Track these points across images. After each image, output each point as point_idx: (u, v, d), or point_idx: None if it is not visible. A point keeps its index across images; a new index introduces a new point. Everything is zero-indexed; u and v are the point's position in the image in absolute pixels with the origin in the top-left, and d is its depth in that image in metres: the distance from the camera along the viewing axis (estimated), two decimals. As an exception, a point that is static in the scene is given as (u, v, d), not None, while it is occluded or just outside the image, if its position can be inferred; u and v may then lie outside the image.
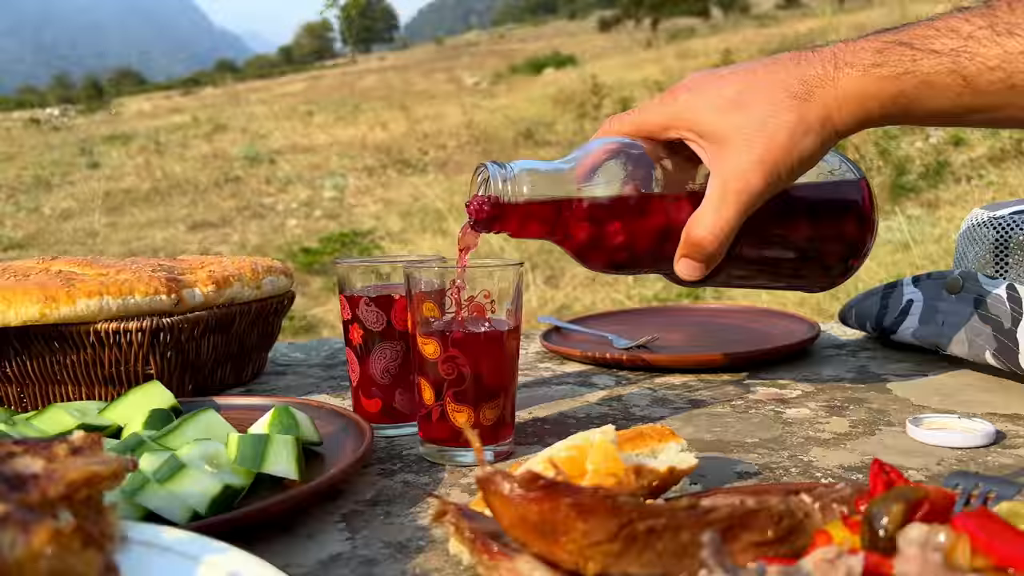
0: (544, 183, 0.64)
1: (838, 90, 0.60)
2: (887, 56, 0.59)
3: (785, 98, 0.61)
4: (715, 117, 0.62)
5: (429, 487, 0.61)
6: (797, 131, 0.60)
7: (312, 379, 1.00)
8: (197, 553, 0.37)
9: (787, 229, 0.68)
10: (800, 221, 0.68)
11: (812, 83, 0.61)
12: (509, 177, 0.64)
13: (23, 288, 0.78)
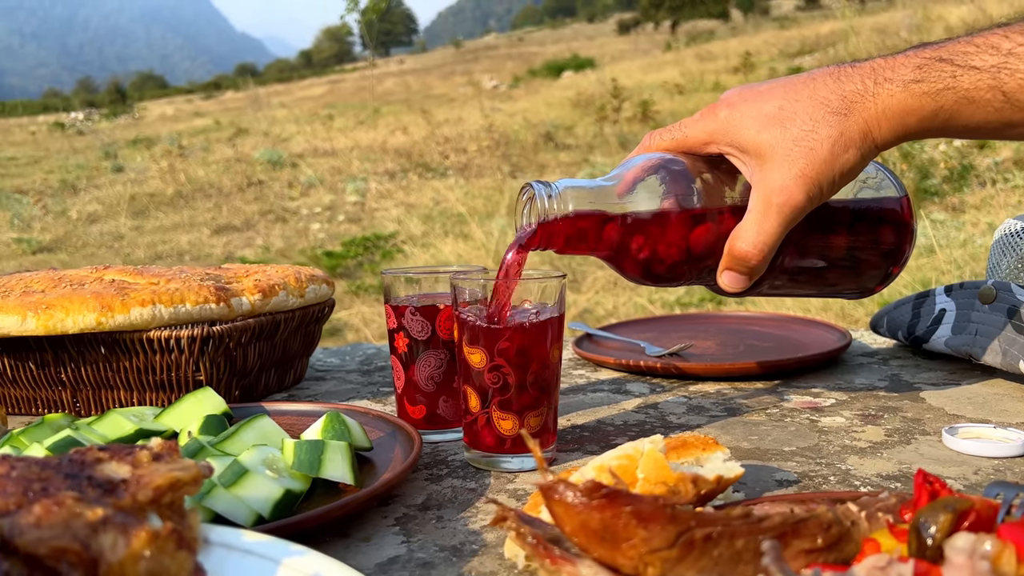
0: (588, 199, 0.66)
1: (878, 105, 0.61)
2: (927, 72, 0.60)
3: (825, 113, 0.62)
4: (756, 132, 0.63)
5: (476, 492, 0.63)
6: (837, 146, 0.62)
7: (352, 384, 1.02)
8: (277, 555, 0.39)
9: (829, 240, 0.70)
10: (841, 231, 0.70)
11: (852, 98, 0.62)
12: (554, 195, 0.66)
13: (80, 297, 0.81)
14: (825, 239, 0.69)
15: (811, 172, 0.61)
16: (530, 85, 24.04)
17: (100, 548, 0.34)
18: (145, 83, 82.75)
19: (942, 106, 0.60)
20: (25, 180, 12.39)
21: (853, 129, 0.62)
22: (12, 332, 0.80)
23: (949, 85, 0.59)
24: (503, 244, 5.37)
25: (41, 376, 0.87)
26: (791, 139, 0.62)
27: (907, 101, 0.61)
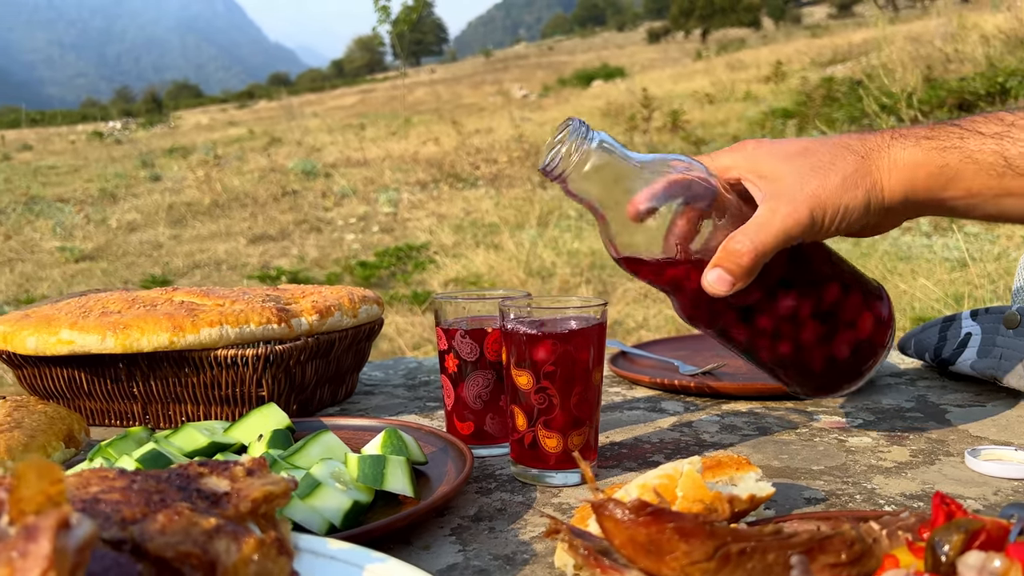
0: (609, 172, 0.68)
1: (891, 155, 0.66)
2: (937, 132, 0.66)
3: (844, 152, 0.67)
4: (776, 162, 0.68)
5: (524, 505, 0.68)
6: (849, 180, 0.66)
7: (399, 399, 1.08)
8: (360, 561, 0.44)
9: (806, 298, 0.70)
10: (819, 294, 0.70)
11: (870, 146, 0.67)
12: (583, 148, 0.67)
13: (154, 318, 0.88)
14: (803, 295, 0.70)
15: (821, 195, 0.65)
16: (560, 94, 24.12)
17: (216, 553, 0.40)
18: (180, 92, 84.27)
19: (948, 163, 0.65)
20: (65, 189, 12.70)
21: (865, 171, 0.66)
22: (92, 350, 0.87)
23: (956, 144, 0.65)
24: (534, 255, 5.43)
25: (115, 390, 0.94)
26: (809, 166, 0.67)
27: (917, 154, 0.66)
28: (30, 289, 5.68)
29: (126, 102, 74.73)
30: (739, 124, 12.30)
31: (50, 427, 0.74)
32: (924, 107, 8.45)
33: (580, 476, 0.72)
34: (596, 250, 5.47)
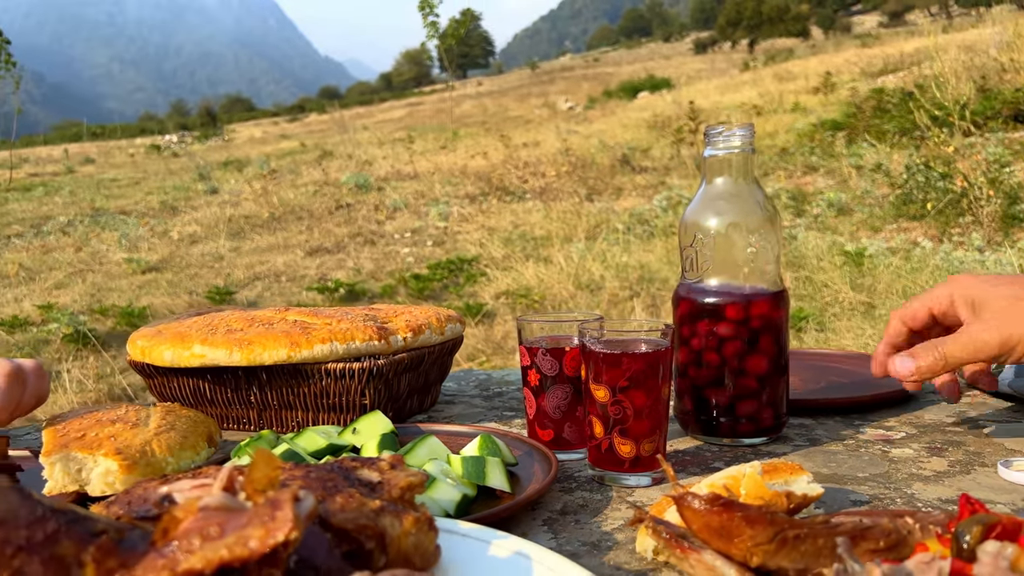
0: None
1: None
2: None
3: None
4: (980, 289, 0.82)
5: (602, 502, 0.79)
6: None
7: (478, 408, 1.19)
8: (487, 538, 0.56)
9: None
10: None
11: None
12: None
13: (273, 335, 1.01)
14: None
15: (1015, 327, 0.78)
16: (606, 106, 24.20)
17: (384, 527, 0.51)
18: (234, 106, 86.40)
19: None
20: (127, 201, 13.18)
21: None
22: (220, 363, 1.00)
23: None
24: (583, 268, 5.52)
25: (235, 397, 1.07)
26: (1013, 296, 0.79)
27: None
28: (102, 299, 5.97)
29: (182, 115, 76.90)
30: (787, 136, 12.22)
31: (195, 429, 0.87)
32: (977, 118, 8.33)
33: (650, 478, 0.83)
34: (645, 264, 5.55)
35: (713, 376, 0.93)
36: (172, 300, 5.78)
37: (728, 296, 0.93)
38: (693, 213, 0.95)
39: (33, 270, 7.32)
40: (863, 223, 6.45)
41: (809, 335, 4.10)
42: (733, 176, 0.94)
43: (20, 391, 0.89)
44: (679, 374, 0.96)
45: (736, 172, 0.94)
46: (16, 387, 0.88)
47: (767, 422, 0.94)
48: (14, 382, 0.88)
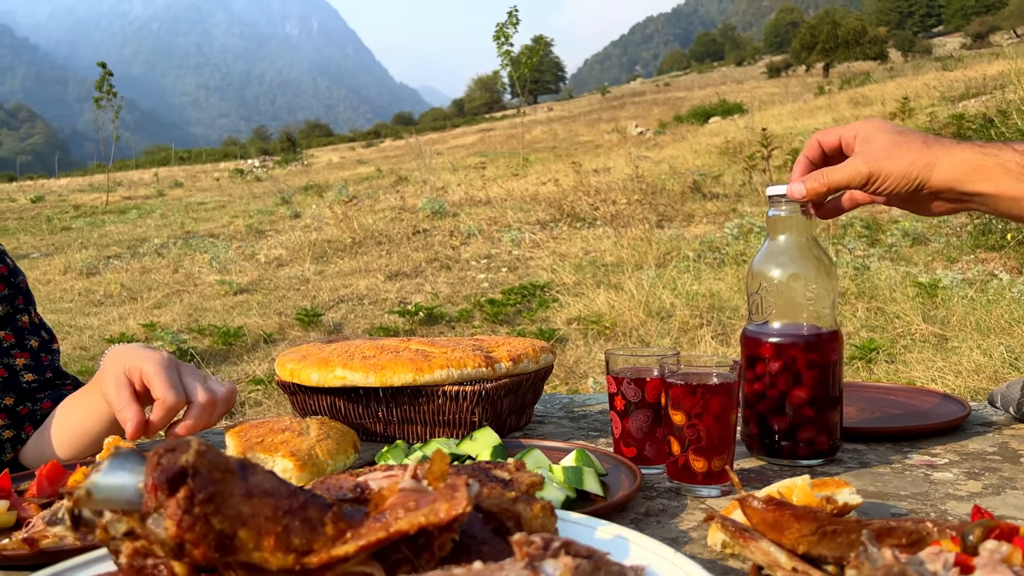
0: None
1: (950, 152, 0.96)
2: (985, 146, 0.96)
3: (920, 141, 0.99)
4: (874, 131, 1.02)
5: (679, 508, 0.95)
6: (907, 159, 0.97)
7: (566, 428, 1.36)
8: (593, 525, 0.73)
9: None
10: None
11: (939, 140, 0.99)
12: None
13: (401, 361, 1.21)
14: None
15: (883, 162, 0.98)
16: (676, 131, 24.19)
17: (519, 511, 0.69)
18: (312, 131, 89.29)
19: (985, 164, 0.94)
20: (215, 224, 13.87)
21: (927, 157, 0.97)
22: (359, 384, 1.21)
23: (993, 154, 0.94)
24: (652, 296, 5.64)
25: (364, 413, 1.27)
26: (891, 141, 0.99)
27: (965, 154, 0.95)
28: (198, 319, 6.38)
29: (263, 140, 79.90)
30: (863, 163, 12.06)
31: (344, 438, 1.07)
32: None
33: (719, 490, 0.99)
34: (715, 292, 5.63)
35: (775, 405, 1.09)
36: (264, 321, 6.14)
37: (789, 336, 1.08)
38: (759, 264, 1.11)
39: (133, 290, 7.84)
40: (939, 253, 6.39)
41: (879, 366, 4.13)
42: (794, 233, 1.10)
43: (215, 417, 1.11)
44: (746, 403, 1.12)
45: (796, 230, 1.10)
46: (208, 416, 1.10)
47: (823, 446, 1.09)
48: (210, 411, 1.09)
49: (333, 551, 0.59)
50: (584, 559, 0.57)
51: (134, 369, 1.09)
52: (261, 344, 5.65)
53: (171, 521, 0.56)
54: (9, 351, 1.29)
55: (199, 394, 1.10)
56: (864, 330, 4.79)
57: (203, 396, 1.09)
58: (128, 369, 1.09)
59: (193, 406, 1.09)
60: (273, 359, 5.26)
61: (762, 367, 1.09)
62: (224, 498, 0.58)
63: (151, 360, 1.09)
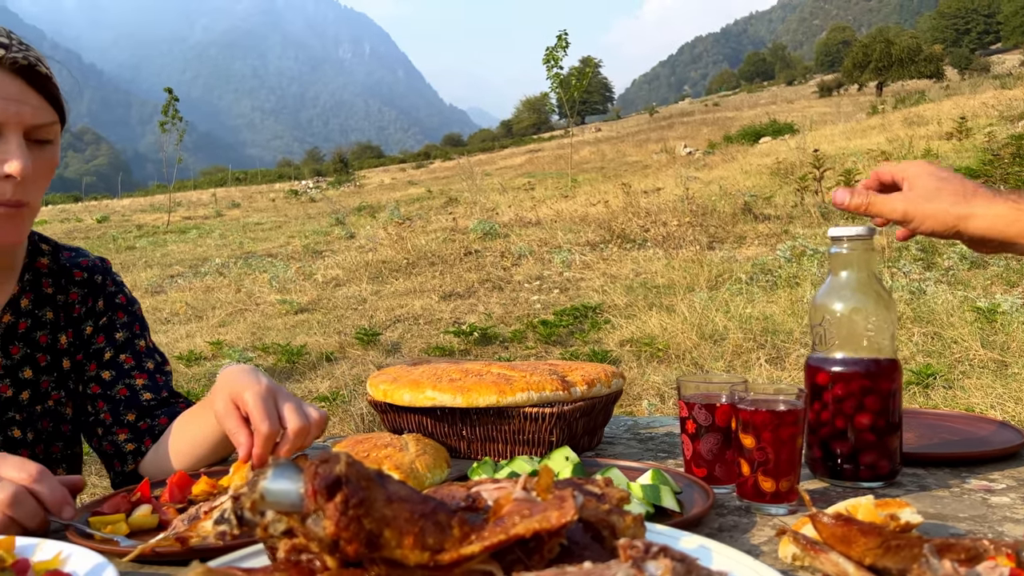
0: None
1: (988, 208, 1.04)
2: (1020, 197, 1.03)
3: (959, 191, 1.06)
4: (923, 176, 1.11)
5: (748, 524, 1.03)
6: (942, 210, 1.06)
7: (635, 449, 1.45)
8: (677, 536, 0.82)
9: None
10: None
11: (978, 193, 1.06)
12: None
13: (485, 384, 1.31)
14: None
15: (920, 208, 1.08)
16: (726, 151, 24.08)
17: (613, 522, 0.79)
18: (364, 152, 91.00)
19: (1019, 219, 1.01)
20: (272, 244, 14.26)
21: (963, 209, 1.05)
22: (447, 404, 1.31)
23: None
24: (705, 318, 5.67)
25: (450, 431, 1.38)
26: (934, 188, 1.08)
27: (1003, 211, 1.03)
28: (262, 337, 6.61)
29: (316, 161, 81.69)
30: (919, 184, 11.87)
31: (438, 454, 1.18)
32: None
33: (786, 508, 1.07)
34: (768, 315, 5.64)
35: (837, 430, 1.16)
36: (324, 340, 6.33)
37: (850, 366, 1.16)
38: (822, 298, 1.19)
39: (198, 308, 8.13)
40: (998, 277, 6.29)
41: (936, 392, 4.10)
42: (855, 270, 1.17)
43: (308, 440, 1.22)
44: (809, 428, 1.19)
45: (857, 267, 1.17)
46: (301, 441, 1.20)
47: (883, 470, 1.16)
48: (303, 437, 1.20)
49: (462, 550, 0.69)
50: (678, 562, 0.66)
51: (238, 396, 1.18)
52: (323, 362, 5.83)
53: (329, 521, 0.67)
54: (130, 372, 1.43)
55: (293, 422, 1.18)
56: (920, 355, 4.75)
57: (297, 424, 1.17)
58: (233, 395, 1.18)
59: (288, 433, 1.18)
60: (335, 377, 5.44)
61: (826, 395, 1.17)
62: (371, 503, 0.69)
63: (252, 390, 1.17)
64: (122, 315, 1.46)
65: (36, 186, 1.19)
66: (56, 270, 1.41)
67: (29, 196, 1.18)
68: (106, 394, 1.41)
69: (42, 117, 1.18)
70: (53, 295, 1.40)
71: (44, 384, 1.39)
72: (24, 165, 1.13)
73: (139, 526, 1.02)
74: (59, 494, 1.00)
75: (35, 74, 1.17)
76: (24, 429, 1.37)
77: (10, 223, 1.17)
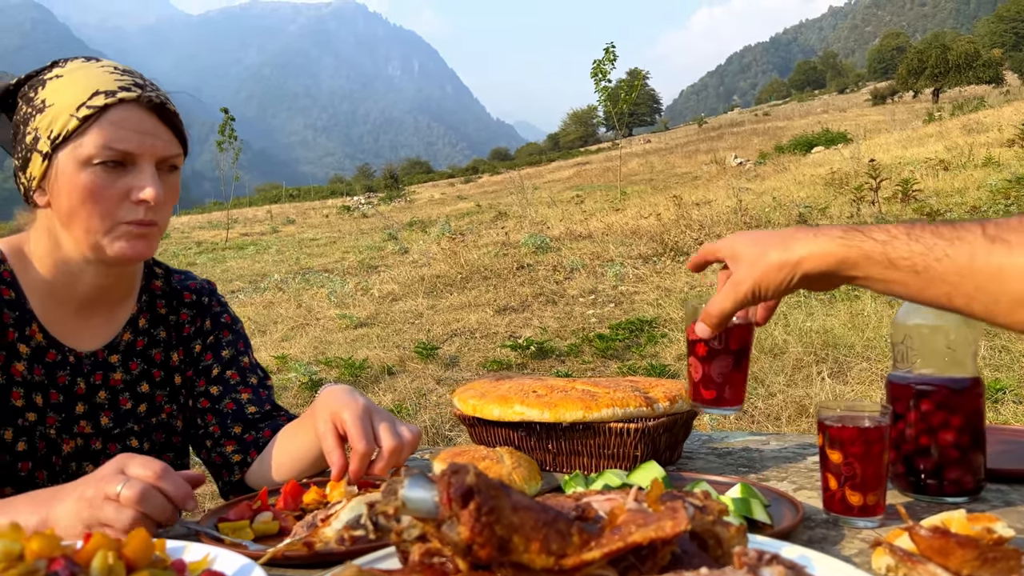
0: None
1: (812, 247, 1.01)
2: (848, 233, 1.01)
3: (777, 243, 1.04)
4: (741, 247, 1.08)
5: (837, 536, 1.07)
6: (774, 265, 1.02)
7: (715, 463, 1.49)
8: (778, 546, 0.87)
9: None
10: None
11: (797, 237, 1.03)
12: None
13: (571, 400, 1.37)
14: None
15: (758, 275, 1.03)
16: (778, 162, 23.77)
17: (718, 532, 0.84)
18: (413, 168, 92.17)
19: (849, 256, 0.98)
20: (328, 259, 14.55)
21: (790, 256, 1.01)
22: (535, 419, 1.38)
23: (857, 244, 0.97)
24: (765, 332, 5.64)
25: (536, 445, 1.44)
26: (755, 253, 1.04)
27: (830, 247, 0.99)
28: (324, 351, 6.77)
29: (367, 177, 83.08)
30: (979, 193, 11.57)
31: (531, 467, 1.24)
32: None
33: (875, 521, 1.10)
34: (828, 329, 5.58)
35: (921, 447, 1.19)
36: (384, 353, 6.46)
37: (932, 383, 1.19)
38: (903, 317, 1.22)
39: (260, 323, 8.36)
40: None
41: (1006, 407, 4.02)
42: (937, 289, 1.20)
43: (402, 458, 1.28)
44: (894, 444, 1.22)
45: None
46: (396, 459, 1.27)
47: (968, 485, 1.18)
48: (398, 455, 1.26)
49: (583, 555, 0.75)
50: (790, 569, 0.71)
51: (337, 415, 1.25)
52: (384, 376, 5.96)
53: (464, 527, 0.73)
54: (236, 387, 1.53)
55: (388, 441, 1.24)
56: (988, 369, 4.66)
57: (391, 443, 1.24)
58: (333, 415, 1.26)
59: (383, 451, 1.25)
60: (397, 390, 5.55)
61: (909, 412, 1.20)
62: (501, 510, 0.75)
63: (350, 409, 1.24)
64: (227, 334, 1.56)
65: (165, 209, 1.31)
66: (168, 292, 1.52)
67: (159, 217, 1.30)
68: (214, 408, 1.51)
69: (171, 149, 1.30)
70: (166, 315, 1.51)
71: (158, 398, 1.50)
72: (157, 192, 1.26)
73: (262, 532, 1.10)
74: (183, 488, 1.07)
75: (166, 111, 1.30)
76: (141, 440, 1.47)
77: (143, 241, 1.29)
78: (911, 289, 0.95)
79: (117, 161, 1.24)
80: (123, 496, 1.01)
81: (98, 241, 1.27)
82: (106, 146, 1.23)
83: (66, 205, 1.25)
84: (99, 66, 1.30)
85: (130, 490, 1.01)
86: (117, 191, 1.25)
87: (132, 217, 1.26)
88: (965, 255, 0.90)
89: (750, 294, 1.05)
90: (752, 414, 4.18)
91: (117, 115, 1.24)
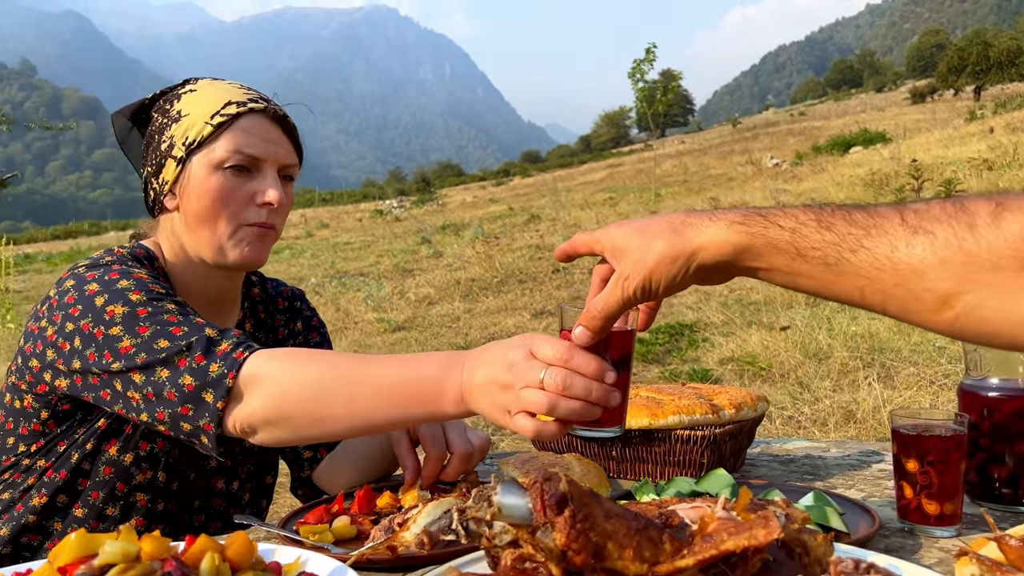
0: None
1: (705, 235, 0.86)
2: (747, 219, 0.86)
3: (669, 232, 0.88)
4: (623, 239, 0.91)
5: (915, 545, 1.07)
6: (666, 256, 0.87)
7: (779, 471, 1.49)
8: (864, 554, 0.87)
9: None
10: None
11: (689, 223, 0.88)
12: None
13: (636, 407, 1.38)
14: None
15: (647, 269, 0.88)
16: (815, 162, 23.42)
17: (805, 540, 0.84)
18: (444, 171, 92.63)
19: (752, 244, 0.85)
20: (362, 263, 14.67)
21: (681, 246, 0.87)
22: (600, 426, 1.38)
23: (760, 232, 0.85)
24: (809, 336, 5.58)
25: (600, 452, 1.45)
26: (642, 244, 0.89)
27: (728, 234, 0.86)
28: (364, 355, 6.82)
29: (399, 181, 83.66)
30: (1028, 193, 11.32)
31: (599, 473, 1.25)
32: None
33: (952, 531, 1.09)
34: (874, 332, 5.50)
35: (996, 455, 1.18)
36: (424, 358, 6.50)
37: (1006, 391, 1.18)
38: None
39: (300, 327, 8.46)
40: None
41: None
42: (1012, 297, 1.19)
43: (471, 464, 1.31)
44: (968, 453, 1.21)
45: None
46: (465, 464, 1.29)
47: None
48: (467, 461, 1.29)
49: (676, 563, 0.76)
50: (886, 578, 0.71)
51: None
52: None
53: (560, 534, 0.75)
54: None
55: (459, 447, 1.29)
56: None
57: (462, 449, 1.29)
58: None
59: (454, 457, 1.29)
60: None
61: (983, 420, 1.19)
62: (594, 518, 0.76)
63: None
64: (316, 336, 1.61)
65: (282, 215, 1.37)
66: (265, 298, 1.57)
67: (277, 221, 1.36)
68: None
69: (291, 158, 1.38)
70: (265, 320, 1.55)
71: None
72: (279, 195, 1.32)
73: (340, 535, 1.12)
74: (594, 362, 0.94)
75: (287, 123, 1.39)
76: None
77: (262, 243, 1.35)
78: (818, 283, 0.84)
79: (244, 166, 1.31)
80: (547, 383, 0.93)
81: (222, 244, 1.32)
82: (236, 151, 1.30)
83: (195, 207, 1.31)
84: (227, 82, 1.40)
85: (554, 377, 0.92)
86: (243, 194, 1.31)
87: (255, 219, 1.32)
88: (885, 247, 0.80)
89: (639, 290, 0.89)
90: (799, 419, 4.14)
91: (247, 123, 1.32)
